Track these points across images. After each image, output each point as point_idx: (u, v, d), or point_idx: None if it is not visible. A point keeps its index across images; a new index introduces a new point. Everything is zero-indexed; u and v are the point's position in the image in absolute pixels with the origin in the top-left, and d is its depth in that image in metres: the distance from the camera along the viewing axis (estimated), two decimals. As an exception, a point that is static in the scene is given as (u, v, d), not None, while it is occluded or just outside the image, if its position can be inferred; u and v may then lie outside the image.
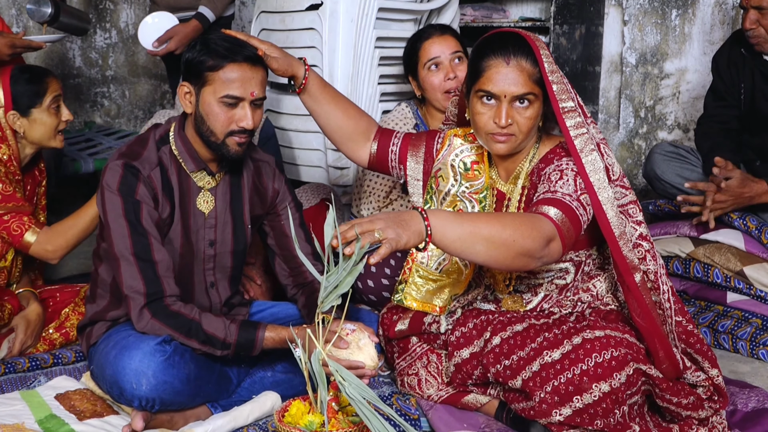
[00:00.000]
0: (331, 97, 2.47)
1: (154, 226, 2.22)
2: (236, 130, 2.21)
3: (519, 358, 2.14)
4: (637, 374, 2.05)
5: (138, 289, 2.18)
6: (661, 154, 3.31)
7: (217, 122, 2.21)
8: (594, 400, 2.02)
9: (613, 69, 4.31)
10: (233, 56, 2.18)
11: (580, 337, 2.08)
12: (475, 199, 2.35)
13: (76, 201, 4.65)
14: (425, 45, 3.05)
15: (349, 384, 1.83)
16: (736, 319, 2.93)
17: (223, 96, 2.18)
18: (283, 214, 2.48)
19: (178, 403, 2.19)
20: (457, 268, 2.39)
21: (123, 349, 2.16)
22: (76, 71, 4.68)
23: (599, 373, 2.02)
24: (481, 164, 2.37)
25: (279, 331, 2.19)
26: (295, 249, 1.96)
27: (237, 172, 2.41)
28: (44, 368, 2.58)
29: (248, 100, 2.20)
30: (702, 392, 2.16)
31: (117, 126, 4.85)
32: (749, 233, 3.01)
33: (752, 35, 3.06)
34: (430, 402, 2.37)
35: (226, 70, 2.18)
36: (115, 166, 2.22)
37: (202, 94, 2.21)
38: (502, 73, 2.13)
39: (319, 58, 3.35)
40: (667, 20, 4.09)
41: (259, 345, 2.19)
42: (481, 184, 2.36)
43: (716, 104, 3.33)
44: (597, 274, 2.32)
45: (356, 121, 2.48)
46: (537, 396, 2.07)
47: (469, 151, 2.39)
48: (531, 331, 2.18)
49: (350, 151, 2.51)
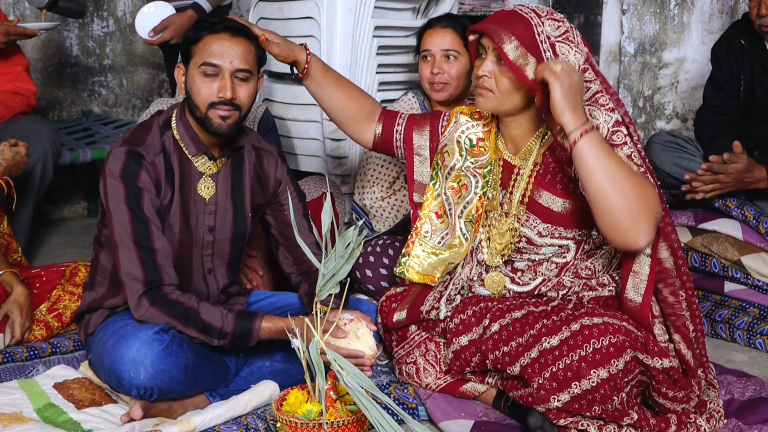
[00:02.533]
0: (335, 81, 2.50)
1: (155, 214, 2.22)
2: (216, 101, 2.20)
3: (518, 345, 2.15)
4: (634, 362, 2.06)
5: (137, 276, 2.17)
6: (660, 143, 3.31)
7: (198, 94, 2.22)
8: (592, 386, 2.03)
9: (611, 58, 4.31)
10: (212, 27, 2.21)
11: (578, 323, 2.09)
12: (479, 173, 2.37)
13: (74, 190, 4.67)
14: (425, 35, 3.07)
15: (347, 373, 1.83)
16: (734, 309, 2.93)
17: (202, 64, 2.19)
18: (285, 203, 2.47)
19: (176, 392, 2.19)
20: (459, 241, 2.39)
21: (121, 338, 2.16)
22: (74, 60, 4.66)
23: (597, 360, 2.02)
24: (487, 141, 2.39)
25: (276, 321, 2.19)
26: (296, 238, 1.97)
27: (239, 159, 2.40)
28: (42, 357, 2.58)
29: (228, 70, 2.20)
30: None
31: (114, 115, 4.83)
32: (747, 223, 3.01)
33: (765, 23, 3.00)
34: (427, 391, 2.37)
35: (206, 40, 2.20)
36: (119, 153, 2.22)
37: (189, 70, 2.24)
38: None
39: (317, 48, 3.34)
40: (665, 10, 4.08)
41: (256, 335, 2.19)
42: (486, 160, 2.37)
43: (715, 95, 3.32)
44: (595, 252, 2.33)
45: (360, 103, 2.51)
46: (535, 382, 2.08)
47: (474, 128, 2.41)
48: (530, 317, 2.18)
49: (355, 133, 2.55)
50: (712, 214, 3.09)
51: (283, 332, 2.15)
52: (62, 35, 4.59)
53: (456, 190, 2.39)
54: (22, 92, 3.52)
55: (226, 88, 2.20)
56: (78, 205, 4.74)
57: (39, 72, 4.50)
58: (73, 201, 4.73)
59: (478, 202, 2.36)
